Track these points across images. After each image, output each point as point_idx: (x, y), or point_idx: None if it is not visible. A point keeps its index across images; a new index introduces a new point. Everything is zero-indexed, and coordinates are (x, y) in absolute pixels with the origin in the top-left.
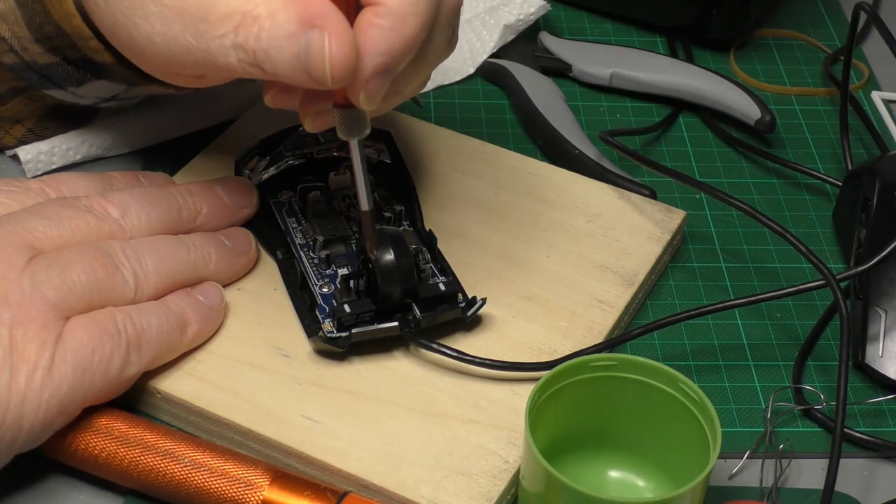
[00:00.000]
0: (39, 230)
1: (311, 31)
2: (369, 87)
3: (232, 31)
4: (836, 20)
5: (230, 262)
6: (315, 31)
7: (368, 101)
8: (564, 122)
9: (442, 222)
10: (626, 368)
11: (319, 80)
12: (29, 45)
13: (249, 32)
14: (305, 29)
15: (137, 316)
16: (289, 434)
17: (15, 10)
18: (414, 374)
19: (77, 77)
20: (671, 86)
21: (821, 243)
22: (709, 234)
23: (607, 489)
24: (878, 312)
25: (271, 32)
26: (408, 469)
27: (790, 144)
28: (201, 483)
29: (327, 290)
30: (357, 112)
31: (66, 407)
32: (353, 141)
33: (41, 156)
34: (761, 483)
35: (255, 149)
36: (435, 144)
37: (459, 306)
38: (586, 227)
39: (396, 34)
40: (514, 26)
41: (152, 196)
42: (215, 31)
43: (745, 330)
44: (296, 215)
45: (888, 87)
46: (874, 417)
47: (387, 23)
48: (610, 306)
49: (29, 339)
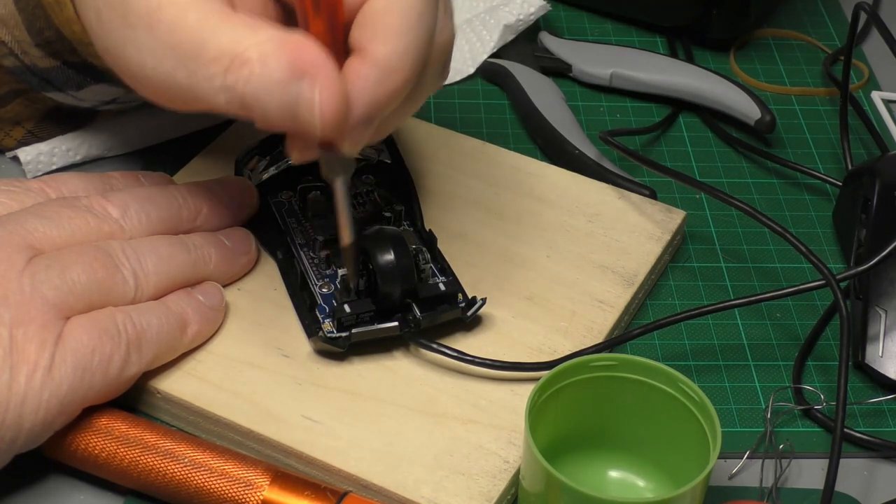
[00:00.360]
0: (39, 230)
1: (301, 81)
2: (354, 135)
3: (221, 72)
4: (836, 20)
5: (230, 262)
6: (305, 82)
7: (352, 148)
8: (564, 122)
9: (442, 222)
10: (626, 368)
11: (307, 130)
12: (29, 49)
13: (239, 76)
14: (296, 77)
15: (137, 316)
16: (289, 434)
17: (15, 15)
18: (414, 374)
19: (77, 81)
20: (671, 86)
21: (821, 243)
22: (709, 234)
23: (607, 489)
24: (878, 312)
25: (261, 78)
26: (408, 469)
27: (790, 144)
28: (201, 483)
29: (327, 290)
30: (340, 155)
31: (66, 407)
32: (337, 180)
33: (41, 156)
34: (761, 483)
35: (255, 149)
36: (435, 144)
37: (459, 306)
38: (586, 227)
39: (383, 86)
40: (514, 26)
41: (152, 196)
42: (205, 71)
43: (745, 330)
44: (296, 215)
45: (888, 87)
46: (874, 417)
47: (374, 74)
48: (610, 306)
49: (29, 339)
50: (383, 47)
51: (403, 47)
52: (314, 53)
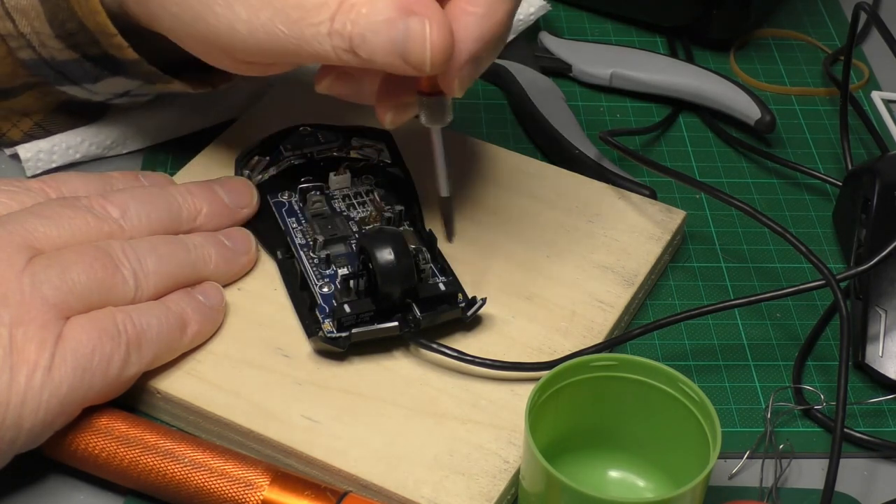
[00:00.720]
0: (39, 230)
1: (410, 18)
2: (464, 74)
3: (329, 17)
4: (836, 20)
5: (230, 262)
6: (415, 18)
7: (462, 88)
8: (564, 122)
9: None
10: (626, 368)
11: (418, 66)
12: (48, 41)
13: (347, 18)
14: (404, 15)
15: (137, 316)
16: (289, 434)
17: (36, 6)
18: (414, 374)
19: (95, 74)
20: (671, 86)
21: (821, 243)
22: (709, 234)
23: (607, 489)
24: (878, 312)
25: (370, 17)
26: (408, 469)
27: (790, 144)
28: (201, 483)
29: (327, 290)
30: (443, 99)
31: (66, 407)
32: (435, 128)
33: (41, 154)
34: (761, 483)
35: (255, 149)
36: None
37: (459, 306)
38: (586, 227)
39: (489, 20)
40: (514, 26)
41: (152, 196)
42: (311, 18)
43: (745, 330)
44: (296, 215)
45: (888, 87)
46: (874, 417)
47: (480, 10)
48: (610, 306)
49: (29, 339)
50: None
51: None
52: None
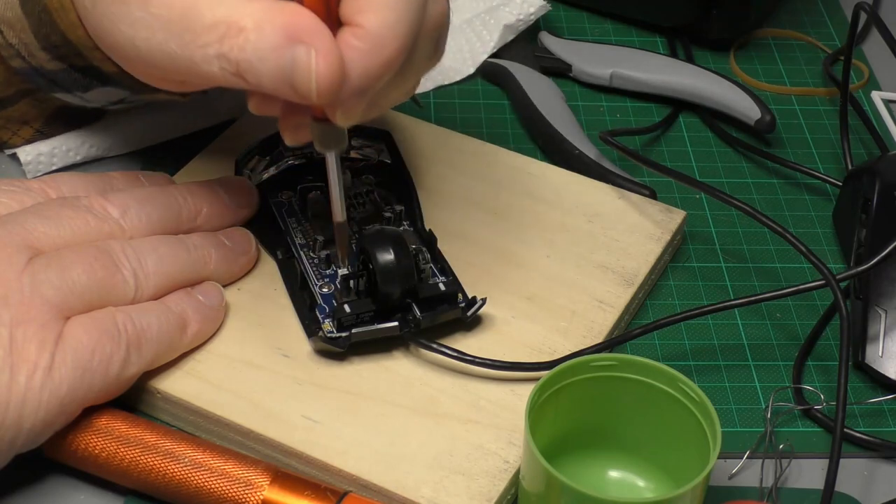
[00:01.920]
0: (39, 230)
1: (297, 46)
2: (346, 106)
3: (216, 41)
4: (836, 20)
5: (230, 262)
6: (302, 47)
7: (345, 119)
8: (564, 122)
9: (442, 222)
10: (626, 368)
11: (304, 95)
12: (36, 52)
13: (234, 43)
14: (292, 43)
15: (137, 316)
16: (289, 434)
17: (22, 19)
18: (414, 374)
19: (84, 83)
20: (671, 86)
21: (821, 243)
22: (709, 234)
23: (607, 489)
24: (878, 312)
25: (257, 44)
26: (408, 469)
27: (790, 144)
28: (201, 483)
29: (327, 290)
30: (335, 126)
31: (66, 407)
32: (329, 154)
33: (41, 157)
34: (761, 483)
35: (255, 149)
36: (435, 144)
37: (459, 306)
38: (586, 227)
39: (374, 57)
40: (514, 26)
41: (152, 196)
42: (199, 40)
43: (745, 330)
44: (296, 215)
45: (888, 87)
46: (874, 417)
47: (365, 45)
48: (610, 306)
49: (29, 339)
50: (374, 18)
51: (394, 18)
52: (309, 19)
